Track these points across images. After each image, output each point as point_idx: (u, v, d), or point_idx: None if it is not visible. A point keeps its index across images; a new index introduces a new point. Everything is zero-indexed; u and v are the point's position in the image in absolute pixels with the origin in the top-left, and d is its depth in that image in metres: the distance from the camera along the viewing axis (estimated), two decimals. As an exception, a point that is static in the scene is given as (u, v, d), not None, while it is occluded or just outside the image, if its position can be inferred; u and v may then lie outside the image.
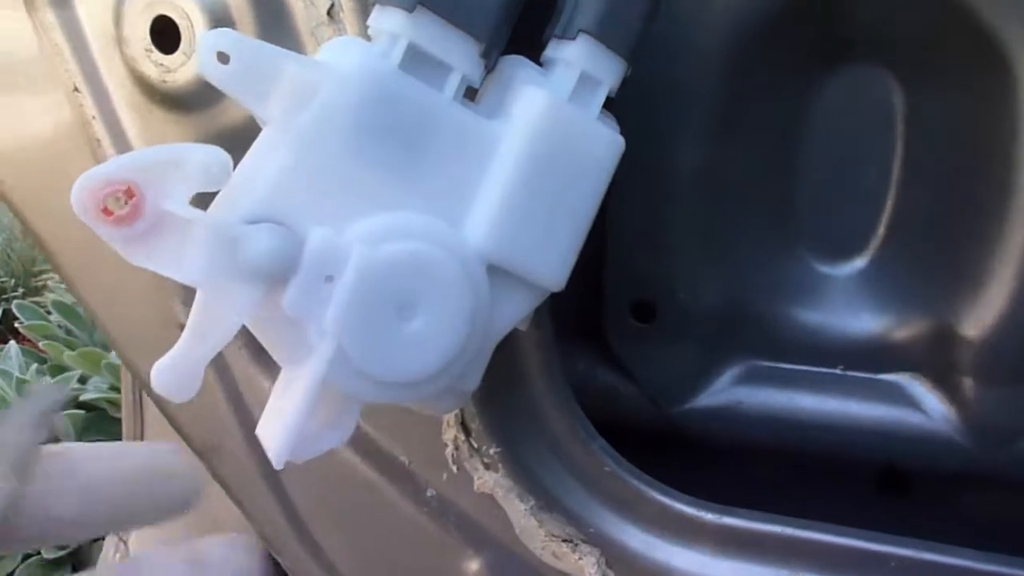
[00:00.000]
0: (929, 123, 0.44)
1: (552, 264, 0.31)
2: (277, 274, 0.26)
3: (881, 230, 0.47)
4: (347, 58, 0.28)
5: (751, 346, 0.50)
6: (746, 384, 0.50)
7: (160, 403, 0.44)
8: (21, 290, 1.81)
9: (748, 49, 0.42)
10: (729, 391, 0.50)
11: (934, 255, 0.45)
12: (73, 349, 1.47)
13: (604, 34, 0.30)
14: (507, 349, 0.33)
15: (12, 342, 1.44)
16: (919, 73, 0.42)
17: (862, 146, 0.45)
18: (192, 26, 0.32)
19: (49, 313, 1.49)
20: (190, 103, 0.34)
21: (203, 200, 0.27)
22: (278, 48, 0.27)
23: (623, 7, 0.31)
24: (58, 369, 1.43)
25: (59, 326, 1.52)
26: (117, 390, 1.38)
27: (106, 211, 0.25)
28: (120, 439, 1.31)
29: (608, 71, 0.31)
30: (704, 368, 0.50)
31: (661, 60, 0.41)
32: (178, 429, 0.43)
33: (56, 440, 0.23)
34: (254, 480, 0.43)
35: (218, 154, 0.26)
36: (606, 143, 0.31)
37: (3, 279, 1.81)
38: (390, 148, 0.28)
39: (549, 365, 0.36)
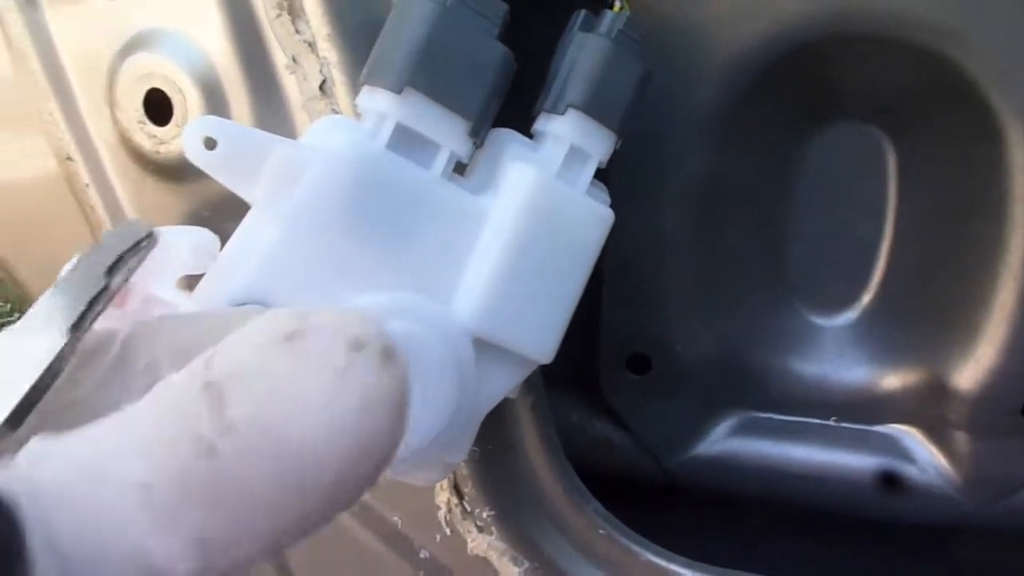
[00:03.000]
0: (920, 180, 0.44)
1: (541, 337, 0.31)
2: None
3: (873, 283, 0.47)
4: (335, 139, 0.28)
5: (746, 398, 0.50)
6: (741, 435, 0.50)
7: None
8: (16, 315, 1.81)
9: (740, 104, 0.42)
10: (724, 442, 0.50)
11: (925, 308, 0.45)
12: None
13: (594, 108, 0.31)
14: (500, 414, 0.34)
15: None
16: (911, 131, 0.43)
17: (853, 200, 0.45)
18: (185, 100, 0.32)
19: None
20: (183, 174, 0.34)
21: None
22: (263, 132, 0.27)
23: (613, 81, 0.31)
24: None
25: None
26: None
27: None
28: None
29: (598, 144, 0.31)
30: (699, 419, 0.50)
31: (652, 115, 0.41)
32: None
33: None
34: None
35: (204, 236, 0.26)
36: (595, 218, 0.31)
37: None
38: (378, 227, 0.28)
39: (542, 429, 0.36)
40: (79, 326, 0.20)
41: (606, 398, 0.49)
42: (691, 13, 0.39)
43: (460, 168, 0.31)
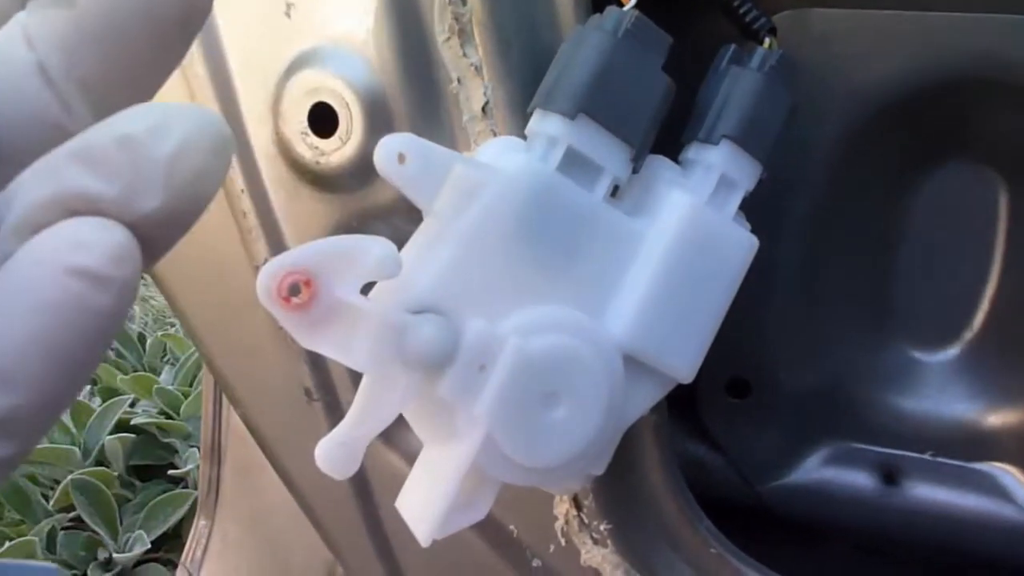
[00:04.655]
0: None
1: (685, 357, 0.32)
2: (437, 363, 0.28)
3: (977, 321, 0.47)
4: (510, 159, 0.29)
5: (842, 427, 0.50)
6: (835, 465, 0.50)
7: (270, 448, 0.45)
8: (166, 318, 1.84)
9: (858, 141, 0.43)
10: (818, 471, 0.50)
11: (1031, 347, 0.46)
12: (125, 373, 1.51)
13: (745, 140, 0.32)
14: (626, 432, 0.35)
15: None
16: (1021, 172, 0.43)
17: (962, 240, 0.46)
18: (351, 115, 0.34)
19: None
20: (339, 184, 0.36)
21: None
22: (446, 149, 0.28)
23: (764, 115, 0.32)
24: (109, 392, 1.47)
25: (111, 349, 1.55)
26: (166, 415, 1.41)
27: (286, 298, 0.27)
28: (170, 465, 1.34)
29: (747, 175, 0.32)
30: (794, 447, 0.50)
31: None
32: (288, 482, 0.44)
33: None
34: (358, 529, 0.44)
35: (391, 248, 0.27)
36: (742, 244, 0.32)
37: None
38: (544, 245, 0.29)
39: (662, 449, 0.37)
40: None
41: (703, 419, 0.50)
42: (825, 52, 0.40)
43: (614, 191, 0.32)
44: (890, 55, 0.41)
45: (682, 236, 0.31)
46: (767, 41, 0.33)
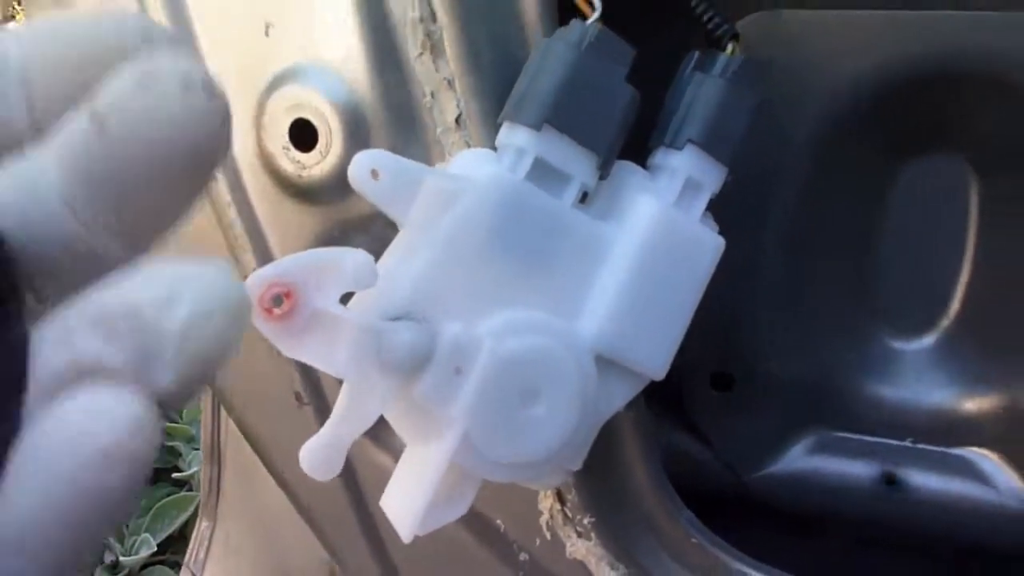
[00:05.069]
0: (1003, 210, 0.45)
1: (656, 356, 0.33)
2: (413, 367, 0.29)
3: (952, 309, 0.48)
4: (480, 171, 0.31)
5: (825, 416, 0.51)
6: (820, 453, 0.52)
7: (264, 452, 0.47)
8: None
9: (834, 137, 0.44)
10: (803, 460, 0.51)
11: (1003, 334, 0.47)
12: None
13: (710, 144, 0.33)
14: (606, 428, 0.36)
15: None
16: (997, 164, 0.44)
17: (937, 230, 0.47)
18: (330, 129, 0.35)
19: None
20: (320, 196, 0.37)
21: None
22: (418, 164, 0.30)
23: (727, 119, 0.33)
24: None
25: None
26: (169, 418, 1.43)
27: (268, 309, 0.28)
28: (174, 468, 1.35)
29: (712, 177, 0.34)
30: (779, 437, 0.51)
31: (750, 146, 0.44)
32: (283, 484, 0.46)
33: None
34: (352, 529, 0.45)
35: (368, 259, 0.29)
36: (708, 245, 0.33)
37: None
38: (517, 251, 0.31)
39: (643, 443, 0.39)
40: None
41: (689, 413, 0.51)
42: (797, 52, 0.41)
43: (583, 197, 0.33)
44: (860, 53, 0.42)
45: (650, 239, 0.32)
46: (730, 47, 0.34)
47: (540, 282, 0.31)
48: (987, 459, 0.49)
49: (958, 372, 0.49)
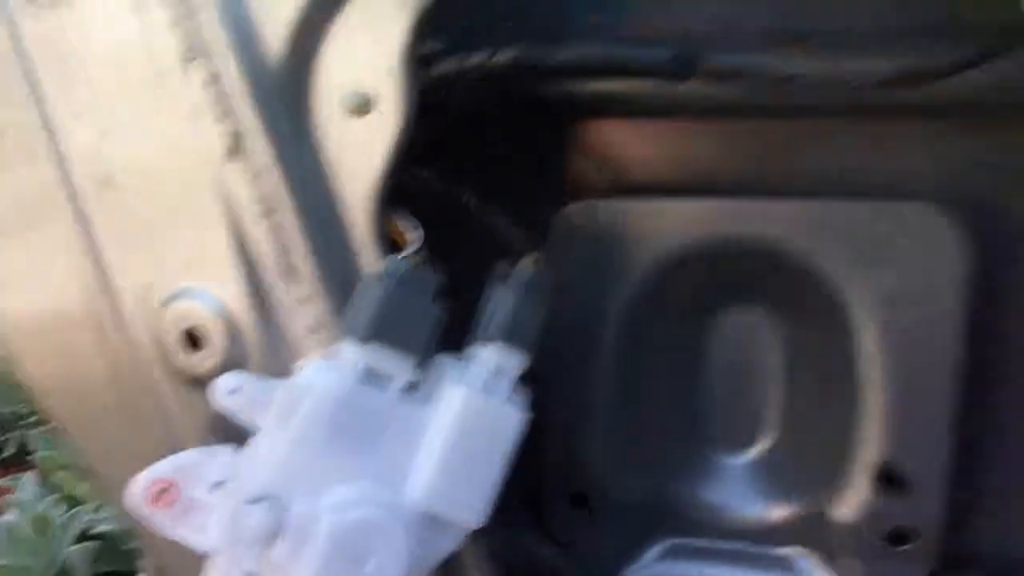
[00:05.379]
0: (800, 351, 0.56)
1: (473, 507, 0.42)
2: (267, 540, 0.38)
3: (768, 429, 0.58)
4: (320, 378, 0.40)
5: (670, 525, 0.60)
6: (669, 559, 0.60)
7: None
8: (35, 418, 1.83)
9: (653, 297, 0.54)
10: (654, 566, 0.60)
11: (809, 451, 0.57)
12: (86, 481, 1.55)
13: (510, 339, 0.43)
14: (448, 564, 0.44)
15: (28, 472, 1.47)
16: (790, 316, 0.55)
17: (751, 367, 0.57)
18: (213, 334, 0.44)
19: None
20: (211, 383, 0.46)
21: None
22: (269, 379, 0.39)
23: (523, 319, 0.43)
24: (72, 500, 1.51)
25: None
26: (133, 519, 1.45)
27: (154, 499, 0.37)
28: (134, 571, 1.39)
29: (513, 364, 0.43)
30: (632, 546, 0.60)
31: (581, 310, 0.54)
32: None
33: None
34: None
35: (232, 457, 0.37)
36: (513, 421, 0.43)
37: (18, 406, 1.81)
38: (352, 438, 0.40)
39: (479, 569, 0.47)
40: None
41: (551, 528, 0.60)
42: (612, 234, 0.51)
43: (412, 386, 0.42)
44: (662, 235, 0.52)
45: (460, 419, 0.41)
46: (527, 260, 0.44)
47: (374, 459, 0.40)
48: (805, 559, 0.58)
49: (773, 483, 0.58)
